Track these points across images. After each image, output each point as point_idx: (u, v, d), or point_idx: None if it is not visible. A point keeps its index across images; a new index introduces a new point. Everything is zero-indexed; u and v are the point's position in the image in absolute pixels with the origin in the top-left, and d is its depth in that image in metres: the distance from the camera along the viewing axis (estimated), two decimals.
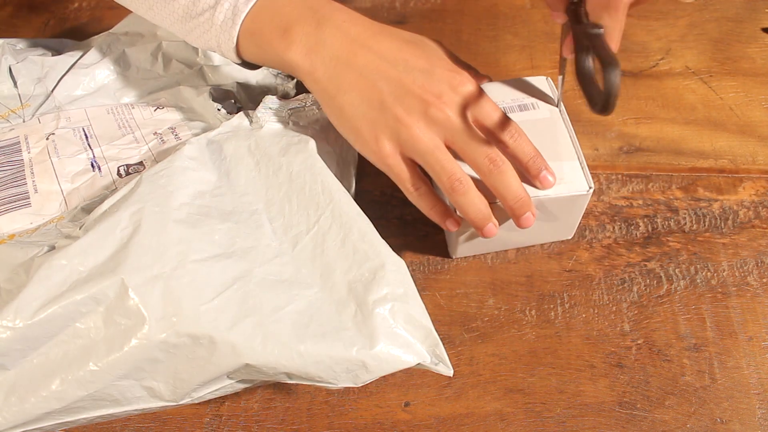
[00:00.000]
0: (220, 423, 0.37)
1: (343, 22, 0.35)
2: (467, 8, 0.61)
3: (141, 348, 0.28)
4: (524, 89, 0.42)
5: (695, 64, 0.55)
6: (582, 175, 0.38)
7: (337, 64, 0.34)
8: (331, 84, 0.35)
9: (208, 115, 0.41)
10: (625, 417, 0.37)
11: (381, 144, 0.34)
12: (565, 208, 0.40)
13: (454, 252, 0.43)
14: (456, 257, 0.44)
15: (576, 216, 0.41)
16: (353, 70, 0.34)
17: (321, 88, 0.35)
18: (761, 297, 0.41)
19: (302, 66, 0.35)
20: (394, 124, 0.34)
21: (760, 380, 0.38)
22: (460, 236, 0.40)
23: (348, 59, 0.34)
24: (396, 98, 0.34)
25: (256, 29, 0.35)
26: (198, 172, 0.35)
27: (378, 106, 0.34)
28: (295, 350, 0.29)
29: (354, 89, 0.34)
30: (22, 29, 0.61)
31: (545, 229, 0.42)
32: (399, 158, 0.35)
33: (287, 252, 0.33)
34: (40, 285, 0.28)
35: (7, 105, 0.42)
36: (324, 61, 0.35)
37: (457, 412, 0.38)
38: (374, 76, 0.34)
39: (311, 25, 0.35)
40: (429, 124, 0.34)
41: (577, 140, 0.40)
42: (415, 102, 0.34)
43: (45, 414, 0.28)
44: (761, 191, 0.47)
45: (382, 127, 0.34)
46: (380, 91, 0.34)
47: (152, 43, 0.46)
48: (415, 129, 0.34)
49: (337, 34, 0.35)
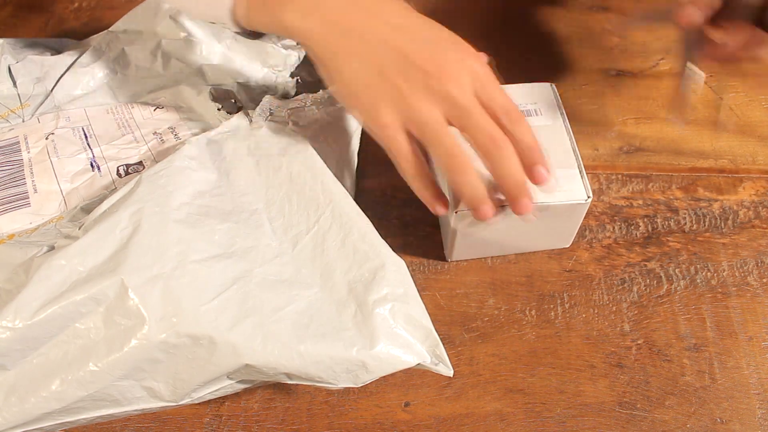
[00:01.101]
0: (220, 423, 0.37)
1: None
2: (467, 8, 0.61)
3: (141, 348, 0.28)
4: (528, 95, 0.42)
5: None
6: (581, 183, 0.38)
7: (336, 28, 0.33)
8: (329, 49, 0.33)
9: (208, 114, 0.41)
10: (625, 417, 0.37)
11: (380, 112, 0.33)
12: (563, 216, 0.39)
13: (450, 255, 0.43)
14: (452, 260, 0.43)
15: (574, 225, 0.41)
16: (354, 35, 0.33)
17: (319, 52, 0.34)
18: (761, 297, 0.41)
19: (300, 29, 0.33)
20: (394, 93, 0.32)
21: (760, 380, 0.38)
22: (456, 239, 0.40)
23: (348, 23, 0.33)
24: (398, 67, 0.32)
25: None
26: (198, 171, 0.35)
27: (378, 73, 0.32)
28: (295, 350, 0.29)
29: (354, 55, 0.33)
30: (22, 29, 0.61)
31: (542, 236, 0.42)
32: (398, 130, 0.33)
33: (287, 252, 0.33)
34: (39, 285, 0.28)
35: (6, 105, 0.42)
36: (322, 24, 0.33)
37: (457, 412, 0.38)
38: (376, 43, 0.32)
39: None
40: (430, 97, 0.32)
41: (578, 149, 0.40)
42: (418, 73, 0.32)
43: (45, 414, 0.28)
44: (761, 191, 0.47)
45: (382, 95, 0.33)
46: (382, 59, 0.32)
47: (152, 41, 0.46)
48: (415, 100, 0.32)
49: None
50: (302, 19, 0.33)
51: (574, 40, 0.58)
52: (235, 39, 0.46)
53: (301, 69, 0.46)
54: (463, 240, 0.40)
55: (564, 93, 0.46)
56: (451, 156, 0.32)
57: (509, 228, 0.40)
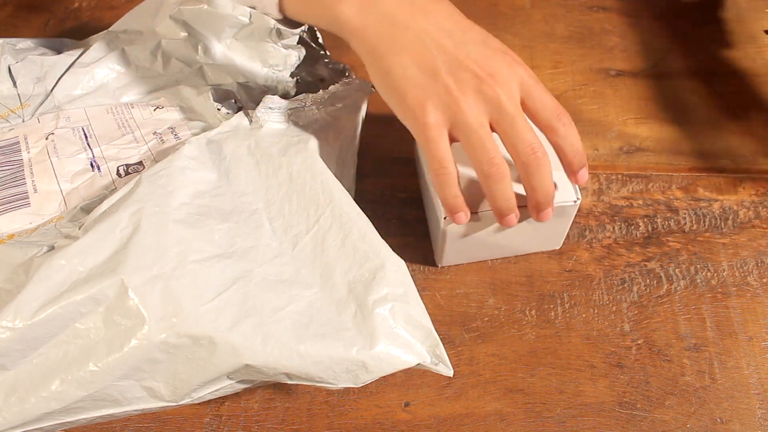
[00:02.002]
0: (220, 423, 0.37)
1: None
2: (467, 8, 0.61)
3: (141, 348, 0.28)
4: None
5: (695, 64, 0.55)
6: (570, 185, 0.38)
7: (392, 23, 0.33)
8: (381, 43, 0.33)
9: (208, 114, 0.41)
10: (625, 417, 0.37)
11: (427, 112, 0.33)
12: (554, 218, 0.39)
13: (439, 260, 0.43)
14: (441, 266, 0.43)
15: (563, 227, 0.41)
16: (408, 32, 0.33)
17: (370, 47, 0.34)
18: (761, 297, 0.41)
19: (353, 22, 0.33)
20: (444, 94, 0.32)
21: (760, 380, 0.38)
22: (446, 244, 0.40)
23: (404, 20, 0.33)
24: (449, 69, 0.32)
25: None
26: (198, 171, 0.35)
27: (430, 72, 0.33)
28: (295, 350, 0.29)
29: (406, 51, 0.33)
30: (22, 29, 0.61)
31: (532, 238, 0.42)
32: (441, 132, 0.33)
33: (287, 252, 0.33)
34: (39, 285, 0.28)
35: (6, 105, 0.42)
36: (378, 18, 0.33)
37: (457, 412, 0.38)
38: (430, 42, 0.33)
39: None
40: (479, 101, 0.32)
41: None
42: (469, 76, 0.32)
43: (45, 414, 0.28)
44: (761, 191, 0.47)
45: (431, 95, 0.33)
46: (434, 59, 0.32)
47: (152, 41, 0.45)
48: (464, 103, 0.32)
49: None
50: (359, 12, 0.33)
51: (574, 40, 0.58)
52: (236, 39, 0.46)
53: (301, 69, 0.46)
54: (453, 245, 0.40)
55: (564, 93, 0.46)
56: (491, 164, 0.33)
57: (499, 231, 0.40)
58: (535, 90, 0.34)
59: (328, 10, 0.34)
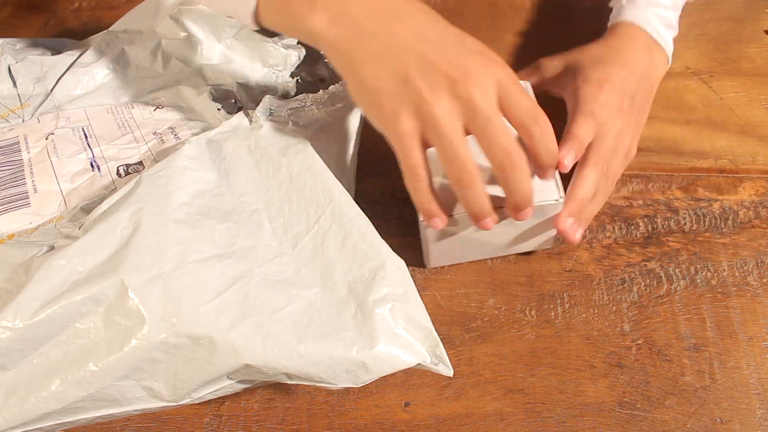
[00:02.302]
0: (220, 423, 0.37)
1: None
2: (467, 8, 0.61)
3: (141, 348, 0.28)
4: None
5: (695, 64, 0.55)
6: (554, 185, 0.38)
7: (362, 33, 0.33)
8: (354, 55, 0.33)
9: (208, 114, 0.41)
10: (625, 417, 0.37)
11: (399, 121, 0.32)
12: (535, 218, 0.39)
13: (427, 262, 0.43)
14: (430, 267, 0.43)
15: (548, 226, 0.41)
16: (379, 40, 0.32)
17: (344, 61, 0.33)
18: (761, 297, 0.41)
19: (325, 35, 0.33)
20: (416, 100, 0.32)
21: (760, 380, 0.38)
22: (430, 247, 0.40)
23: (374, 29, 0.32)
24: (421, 73, 0.32)
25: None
26: (197, 171, 0.35)
27: (402, 79, 0.32)
28: (295, 351, 0.29)
29: (378, 61, 0.32)
30: (22, 29, 0.61)
31: (519, 239, 0.42)
32: (413, 139, 0.33)
33: (287, 252, 0.33)
34: (39, 285, 0.28)
35: (6, 105, 0.42)
36: (349, 30, 0.33)
37: (457, 412, 0.38)
38: (401, 49, 0.32)
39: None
40: (453, 104, 0.32)
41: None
42: (441, 78, 0.32)
43: (45, 414, 0.28)
44: (761, 191, 0.47)
45: (404, 102, 0.32)
46: (405, 64, 0.32)
47: (152, 41, 0.45)
48: (436, 108, 0.32)
49: (364, 2, 0.33)
50: (330, 24, 0.33)
51: (575, 40, 0.58)
52: (236, 39, 0.46)
53: (301, 69, 0.46)
54: (437, 247, 0.40)
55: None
56: (461, 169, 0.32)
57: (482, 233, 0.40)
58: (512, 90, 0.33)
59: (300, 23, 0.34)
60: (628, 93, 0.42)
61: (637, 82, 0.43)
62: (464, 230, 0.39)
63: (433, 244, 0.40)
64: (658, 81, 0.47)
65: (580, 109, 0.41)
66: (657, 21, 0.47)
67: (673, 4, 0.49)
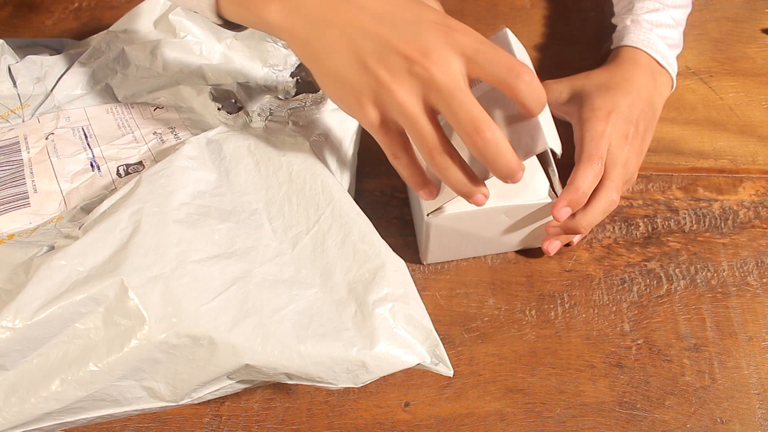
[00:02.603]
0: (220, 423, 0.37)
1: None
2: (467, 8, 0.61)
3: (141, 348, 0.28)
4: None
5: (695, 64, 0.55)
6: (546, 184, 0.38)
7: (318, 23, 0.31)
8: (311, 47, 0.32)
9: (208, 114, 0.41)
10: (625, 417, 0.37)
11: (365, 110, 0.31)
12: (529, 216, 0.40)
13: (424, 257, 0.43)
14: (427, 263, 0.43)
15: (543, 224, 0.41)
16: (334, 29, 0.31)
17: (304, 52, 0.32)
18: (761, 297, 0.41)
19: (282, 27, 0.32)
20: (376, 86, 0.31)
21: (760, 380, 0.38)
22: (430, 241, 0.40)
23: (327, 17, 0.31)
24: (378, 58, 0.30)
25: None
26: (197, 171, 0.35)
27: (360, 66, 0.31)
28: (295, 351, 0.29)
29: (335, 51, 0.31)
30: (22, 29, 0.61)
31: (515, 236, 0.42)
32: (384, 125, 0.32)
33: (287, 252, 0.33)
34: (39, 285, 0.28)
35: (6, 105, 0.42)
36: (303, 21, 0.31)
37: (457, 412, 0.38)
38: (356, 35, 0.31)
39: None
40: (413, 85, 0.30)
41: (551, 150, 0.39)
42: (399, 60, 0.30)
43: (45, 414, 0.28)
44: (761, 191, 0.47)
45: (366, 91, 0.31)
46: (363, 51, 0.31)
47: (152, 41, 0.46)
48: (397, 92, 0.30)
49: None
50: (285, 17, 0.32)
51: (575, 40, 0.58)
52: (236, 38, 0.46)
53: (301, 69, 0.46)
54: (437, 241, 0.40)
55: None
56: (434, 153, 0.31)
57: (481, 228, 0.40)
58: (481, 52, 0.30)
59: (256, 15, 0.33)
60: (633, 120, 0.42)
61: (642, 109, 0.44)
62: (467, 221, 0.39)
63: (435, 237, 0.40)
64: (661, 105, 0.47)
65: (587, 153, 0.40)
66: (661, 43, 0.47)
67: (676, 22, 0.49)
